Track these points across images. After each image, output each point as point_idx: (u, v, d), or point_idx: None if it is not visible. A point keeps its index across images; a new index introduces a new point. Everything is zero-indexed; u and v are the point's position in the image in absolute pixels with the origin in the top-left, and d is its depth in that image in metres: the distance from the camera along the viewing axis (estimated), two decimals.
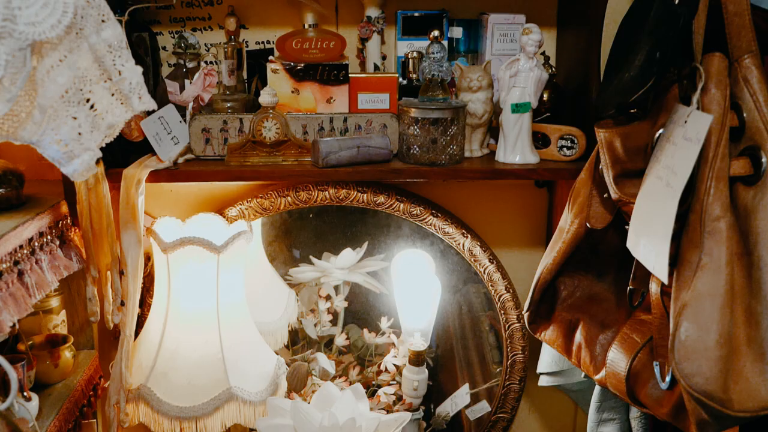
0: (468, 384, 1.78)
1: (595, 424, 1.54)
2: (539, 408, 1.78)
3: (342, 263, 1.67)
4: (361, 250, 1.66)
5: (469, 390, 1.78)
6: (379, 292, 1.66)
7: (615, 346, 1.19)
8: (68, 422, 1.26)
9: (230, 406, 1.33)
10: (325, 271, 1.68)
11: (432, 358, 1.74)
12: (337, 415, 1.29)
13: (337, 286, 1.69)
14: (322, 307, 1.68)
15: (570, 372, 1.62)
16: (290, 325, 1.67)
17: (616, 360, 1.17)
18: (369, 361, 1.71)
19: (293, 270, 1.67)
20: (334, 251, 1.65)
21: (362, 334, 1.69)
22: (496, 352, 1.77)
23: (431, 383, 1.66)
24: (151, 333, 1.37)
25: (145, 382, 1.33)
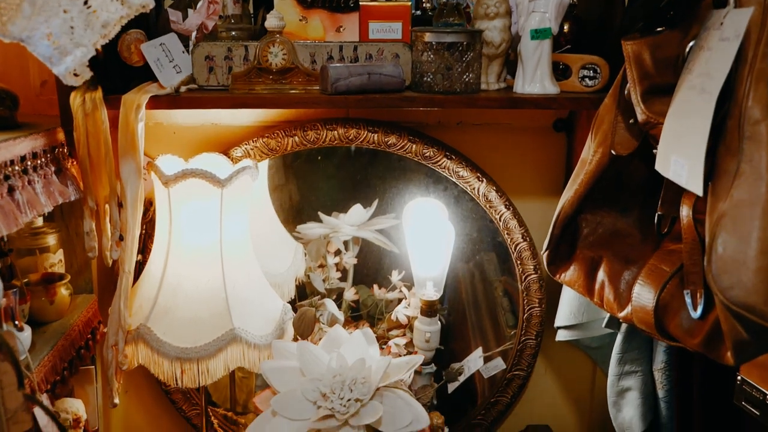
0: (481, 348, 1.71)
1: (617, 378, 1.47)
2: (557, 367, 1.71)
3: (352, 220, 1.60)
4: (371, 208, 1.60)
5: (482, 354, 1.71)
6: (390, 250, 1.59)
7: (641, 279, 1.11)
8: (63, 361, 1.20)
9: (234, 348, 1.27)
10: (334, 228, 1.61)
11: (444, 324, 1.66)
12: (346, 357, 1.22)
13: (346, 241, 1.62)
14: (331, 262, 1.61)
15: (589, 325, 1.55)
16: (298, 279, 1.61)
17: (642, 293, 1.10)
18: (379, 319, 1.64)
19: (301, 226, 1.61)
20: (344, 207, 1.58)
21: (372, 290, 1.62)
22: (510, 315, 1.70)
23: (442, 348, 1.59)
24: (152, 271, 1.30)
25: (145, 321, 1.27)
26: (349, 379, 1.17)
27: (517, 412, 1.72)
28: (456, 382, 1.72)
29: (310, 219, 1.60)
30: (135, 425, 1.64)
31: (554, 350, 1.68)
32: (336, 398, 1.16)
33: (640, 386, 1.45)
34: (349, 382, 1.17)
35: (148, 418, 1.64)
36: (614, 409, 1.50)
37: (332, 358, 1.22)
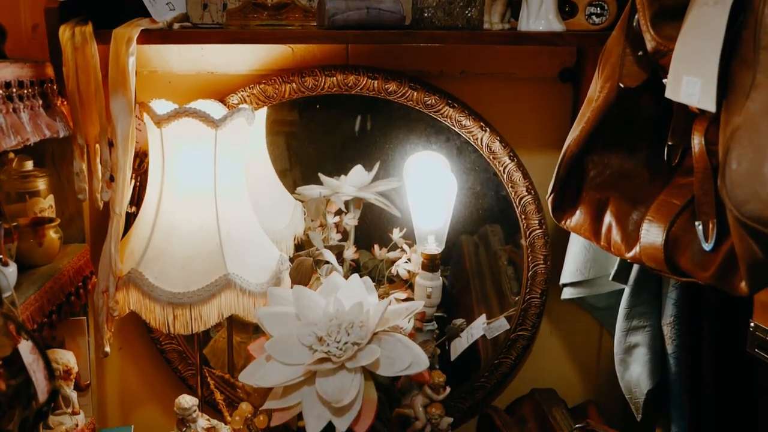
0: (485, 314, 1.66)
1: (624, 334, 1.42)
2: (562, 330, 1.66)
3: (353, 182, 1.56)
4: (373, 171, 1.55)
5: (485, 320, 1.67)
6: (392, 213, 1.55)
7: (650, 216, 1.07)
8: (51, 303, 1.16)
9: (227, 294, 1.23)
10: (335, 189, 1.57)
11: (446, 287, 1.61)
12: (343, 301, 1.18)
13: (347, 202, 1.58)
14: (331, 222, 1.57)
15: (595, 282, 1.50)
16: (297, 238, 1.56)
17: (651, 229, 1.06)
18: (379, 281, 1.59)
19: (301, 188, 1.57)
20: (345, 168, 1.54)
21: (373, 250, 1.58)
22: (514, 283, 1.66)
23: (445, 315, 1.55)
24: (144, 216, 1.27)
25: (137, 266, 1.23)
26: (346, 323, 1.13)
27: (522, 375, 1.67)
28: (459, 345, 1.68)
29: (310, 180, 1.55)
30: (129, 384, 1.60)
31: (560, 311, 1.63)
32: (332, 341, 1.12)
33: (648, 342, 1.40)
34: (346, 326, 1.13)
35: (143, 378, 1.60)
36: (621, 367, 1.46)
37: (329, 303, 1.18)
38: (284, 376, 1.11)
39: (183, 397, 1.35)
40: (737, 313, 1.16)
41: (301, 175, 1.58)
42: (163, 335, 1.55)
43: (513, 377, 1.66)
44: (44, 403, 0.91)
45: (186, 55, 1.44)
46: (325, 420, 1.07)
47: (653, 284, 1.38)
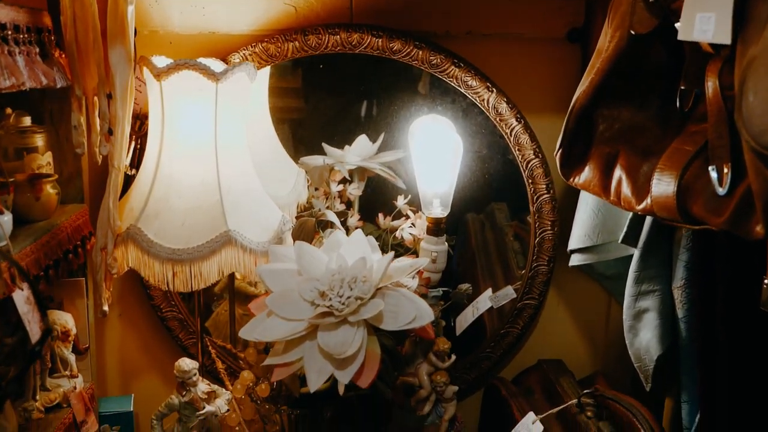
0: (491, 288, 1.64)
1: (633, 299, 1.39)
2: (570, 300, 1.63)
3: (357, 152, 1.53)
4: (377, 143, 1.52)
5: (491, 294, 1.64)
6: (396, 184, 1.51)
7: (661, 165, 1.04)
8: (48, 258, 1.13)
9: (228, 252, 1.21)
10: (338, 159, 1.54)
11: (451, 256, 1.58)
12: (346, 257, 1.15)
13: (351, 173, 1.55)
14: (334, 190, 1.54)
15: (604, 248, 1.48)
16: (299, 206, 1.54)
17: (663, 178, 1.02)
18: (383, 251, 1.57)
19: (304, 158, 1.54)
20: (349, 138, 1.51)
21: (377, 219, 1.55)
22: (521, 257, 1.63)
23: (450, 290, 1.53)
24: (144, 172, 1.25)
25: (135, 222, 1.21)
26: (348, 277, 1.10)
27: (529, 346, 1.64)
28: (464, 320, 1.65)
29: (313, 149, 1.52)
30: (129, 353, 1.58)
31: (567, 281, 1.60)
32: (335, 296, 1.09)
33: (658, 306, 1.37)
34: (349, 280, 1.10)
35: (143, 347, 1.58)
36: (630, 334, 1.42)
37: (331, 259, 1.15)
38: (285, 330, 1.09)
39: (183, 360, 1.33)
40: (750, 273, 1.13)
41: (304, 145, 1.55)
42: (164, 302, 1.53)
43: (519, 348, 1.63)
44: (37, 342, 0.89)
45: (187, 14, 1.42)
46: (326, 374, 1.04)
47: (663, 247, 1.35)
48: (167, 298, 1.53)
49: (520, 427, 1.38)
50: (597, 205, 1.44)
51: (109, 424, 1.47)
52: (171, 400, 1.33)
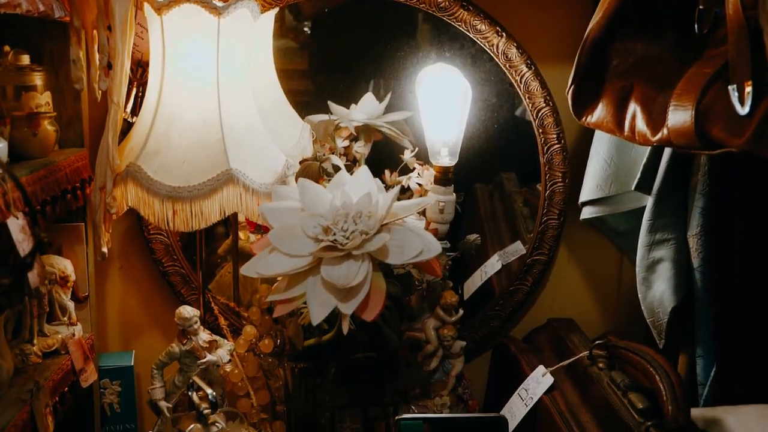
0: (499, 252, 1.60)
1: (647, 249, 1.35)
2: (580, 257, 1.59)
3: (364, 109, 1.50)
4: (384, 102, 1.49)
5: (499, 258, 1.60)
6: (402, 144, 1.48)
7: (679, 90, 1.00)
8: (45, 193, 1.10)
9: (230, 190, 1.17)
10: (344, 117, 1.51)
11: (459, 213, 1.54)
12: (351, 194, 1.12)
13: (357, 130, 1.51)
14: (340, 145, 1.50)
15: (615, 200, 1.44)
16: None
17: (680, 102, 0.98)
18: None
19: (309, 116, 1.51)
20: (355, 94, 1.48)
21: (383, 176, 1.51)
22: (530, 222, 1.59)
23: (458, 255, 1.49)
24: (144, 110, 1.22)
25: (135, 160, 1.18)
26: (353, 212, 1.07)
27: (538, 305, 1.60)
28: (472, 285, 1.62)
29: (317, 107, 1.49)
30: (130, 309, 1.55)
31: (578, 238, 1.57)
32: (339, 230, 1.05)
33: (673, 256, 1.33)
34: (354, 215, 1.07)
35: (144, 303, 1.55)
36: (643, 286, 1.38)
37: (336, 196, 1.12)
38: (288, 266, 1.05)
39: (184, 308, 1.30)
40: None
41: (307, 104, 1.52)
42: (166, 257, 1.50)
43: (529, 307, 1.59)
44: (28, 254, 0.85)
45: None
46: (329, 307, 1.01)
47: (678, 193, 1.31)
48: (169, 252, 1.50)
49: (529, 380, 1.34)
50: (609, 155, 1.40)
51: (109, 378, 1.45)
52: (171, 348, 1.30)
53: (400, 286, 1.29)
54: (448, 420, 1.24)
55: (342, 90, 1.45)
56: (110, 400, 1.45)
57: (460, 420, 1.25)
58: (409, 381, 1.45)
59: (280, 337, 1.43)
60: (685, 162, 1.27)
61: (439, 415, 1.27)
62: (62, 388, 1.21)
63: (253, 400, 1.43)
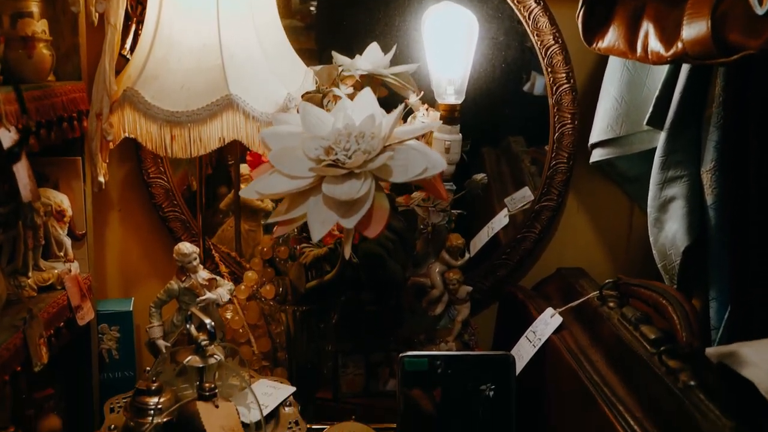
0: (506, 209, 1.56)
1: (659, 187, 1.31)
2: (590, 206, 1.55)
3: (368, 58, 1.46)
4: (389, 54, 1.45)
5: (507, 213, 1.56)
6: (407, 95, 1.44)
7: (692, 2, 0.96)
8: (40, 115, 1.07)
9: (229, 116, 1.15)
10: (348, 68, 1.48)
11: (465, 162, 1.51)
12: (353, 116, 1.08)
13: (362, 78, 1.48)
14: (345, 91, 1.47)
15: (626, 141, 1.40)
16: None
17: (695, 12, 0.95)
18: None
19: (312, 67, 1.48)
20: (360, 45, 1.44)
21: None
22: (537, 179, 1.56)
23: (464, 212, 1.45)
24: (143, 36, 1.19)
25: (132, 85, 1.15)
26: (356, 132, 1.03)
27: (546, 256, 1.57)
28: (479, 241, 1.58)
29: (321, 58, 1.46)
30: (129, 256, 1.53)
31: (588, 186, 1.53)
32: (340, 150, 1.02)
33: (686, 193, 1.29)
34: (356, 134, 1.03)
35: (144, 250, 1.53)
36: (655, 228, 1.34)
37: (338, 119, 1.08)
38: (288, 186, 1.02)
39: (183, 244, 1.27)
40: None
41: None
42: (166, 201, 1.48)
43: (537, 256, 1.56)
44: (15, 143, 0.82)
45: None
46: (330, 223, 0.97)
47: (692, 127, 1.26)
48: (169, 196, 1.47)
49: (537, 323, 1.30)
50: (620, 94, 1.37)
51: (107, 324, 1.42)
52: (170, 285, 1.27)
53: (404, 222, 1.26)
54: (453, 358, 1.21)
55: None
56: (108, 346, 1.42)
57: (465, 358, 1.21)
58: (413, 327, 1.41)
59: (281, 286, 1.40)
60: (699, 93, 1.23)
61: (443, 353, 1.23)
62: (57, 323, 1.19)
63: (254, 348, 1.40)
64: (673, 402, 0.94)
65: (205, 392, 1.07)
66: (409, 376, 1.20)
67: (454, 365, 1.20)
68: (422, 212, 1.33)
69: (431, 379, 1.19)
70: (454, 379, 1.20)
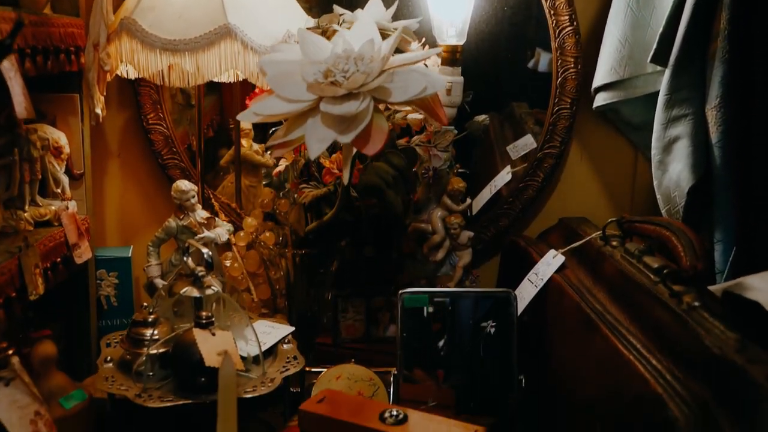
0: (509, 165, 1.55)
1: (663, 127, 1.30)
2: (593, 154, 1.53)
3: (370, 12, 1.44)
4: (391, 9, 1.44)
5: (510, 170, 1.55)
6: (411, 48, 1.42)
7: None
8: (36, 40, 1.06)
9: (228, 45, 1.14)
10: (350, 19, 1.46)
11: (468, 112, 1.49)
12: (352, 42, 1.07)
13: None
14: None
15: (631, 83, 1.38)
16: None
17: None
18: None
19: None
20: None
21: None
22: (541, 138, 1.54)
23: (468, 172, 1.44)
24: None
25: (130, 14, 1.14)
26: (355, 54, 1.02)
27: (549, 207, 1.55)
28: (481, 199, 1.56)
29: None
30: (128, 203, 1.52)
31: (591, 134, 1.51)
32: (339, 72, 1.00)
33: (691, 131, 1.27)
34: (355, 56, 1.02)
35: (143, 198, 1.52)
36: (659, 171, 1.33)
37: (337, 44, 1.07)
38: (286, 108, 1.01)
39: (181, 181, 1.27)
40: None
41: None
42: (166, 148, 1.47)
43: (540, 207, 1.54)
44: (8, 35, 0.81)
45: None
46: (328, 140, 0.95)
47: (696, 63, 1.25)
48: (168, 143, 1.46)
49: (539, 265, 1.28)
50: (624, 36, 1.35)
51: (105, 269, 1.41)
52: (168, 223, 1.26)
53: (405, 159, 1.25)
54: (454, 294, 1.19)
55: None
56: (107, 293, 1.41)
57: (466, 294, 1.19)
58: (414, 273, 1.40)
59: (281, 235, 1.39)
60: (703, 27, 1.21)
61: (443, 289, 1.22)
62: (54, 258, 1.17)
63: (253, 295, 1.39)
64: (677, 322, 0.92)
65: (202, 320, 1.05)
66: (409, 313, 1.18)
67: (454, 302, 1.18)
68: (423, 153, 1.32)
69: (431, 316, 1.18)
70: (454, 316, 1.18)
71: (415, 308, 1.18)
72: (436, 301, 1.18)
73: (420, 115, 1.34)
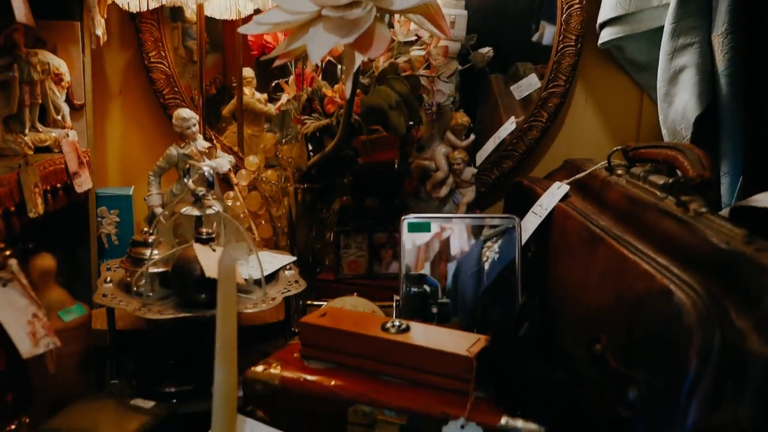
0: (513, 116, 1.54)
1: (669, 56, 1.28)
2: (599, 96, 1.52)
3: None
4: None
5: (514, 119, 1.54)
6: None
7: None
8: None
9: None
10: None
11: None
12: None
13: None
14: None
15: (635, 18, 1.37)
16: None
17: None
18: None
19: None
20: None
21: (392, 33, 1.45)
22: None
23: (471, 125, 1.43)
24: None
25: None
26: None
27: (553, 151, 1.54)
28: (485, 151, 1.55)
29: None
30: (129, 145, 1.51)
31: (596, 75, 1.50)
32: None
33: (697, 61, 1.25)
34: None
35: (144, 138, 1.51)
36: (665, 103, 1.31)
37: None
38: (289, 19, 0.99)
39: (182, 109, 1.26)
40: None
41: None
42: (167, 88, 1.46)
43: (544, 150, 1.53)
44: None
45: None
46: (330, 44, 0.94)
47: None
48: (170, 83, 1.45)
49: (543, 197, 1.27)
50: None
51: (106, 207, 1.40)
52: (169, 151, 1.26)
53: (408, 86, 1.24)
54: (456, 220, 1.18)
55: None
56: (108, 231, 1.40)
57: (468, 220, 1.18)
58: (417, 211, 1.39)
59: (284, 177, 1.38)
60: None
61: (446, 215, 1.20)
62: (54, 182, 1.16)
63: (255, 235, 1.38)
64: (685, 228, 0.90)
65: (203, 236, 1.04)
66: (411, 239, 1.17)
67: (457, 227, 1.17)
68: (427, 85, 1.31)
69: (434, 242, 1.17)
70: (457, 242, 1.17)
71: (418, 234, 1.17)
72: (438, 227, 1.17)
73: (422, 51, 1.33)
